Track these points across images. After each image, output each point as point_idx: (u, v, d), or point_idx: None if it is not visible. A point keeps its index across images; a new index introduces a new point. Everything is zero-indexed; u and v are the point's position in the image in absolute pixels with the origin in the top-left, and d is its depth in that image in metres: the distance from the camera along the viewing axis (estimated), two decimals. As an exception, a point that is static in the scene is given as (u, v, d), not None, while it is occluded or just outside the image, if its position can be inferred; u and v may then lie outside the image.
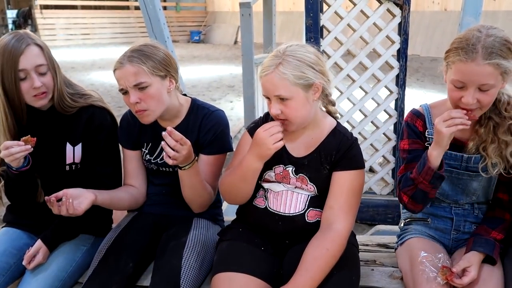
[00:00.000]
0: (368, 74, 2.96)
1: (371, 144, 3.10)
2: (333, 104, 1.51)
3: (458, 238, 1.47)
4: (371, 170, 3.20)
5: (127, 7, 19.46)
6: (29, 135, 1.43)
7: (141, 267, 1.56)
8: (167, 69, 1.52)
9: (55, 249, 1.56)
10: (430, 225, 1.51)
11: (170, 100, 1.55)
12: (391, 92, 3.00)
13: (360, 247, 1.59)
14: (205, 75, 10.07)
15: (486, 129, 1.34)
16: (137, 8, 19.37)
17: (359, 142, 1.50)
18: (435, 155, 1.30)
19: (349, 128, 2.91)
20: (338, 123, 1.49)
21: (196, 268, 1.46)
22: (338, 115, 1.55)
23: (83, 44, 17.05)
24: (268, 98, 1.37)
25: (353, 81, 3.00)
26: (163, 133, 1.35)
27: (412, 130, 1.45)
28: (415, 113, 1.47)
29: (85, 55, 13.50)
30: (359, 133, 3.08)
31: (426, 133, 1.43)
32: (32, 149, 1.40)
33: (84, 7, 18.84)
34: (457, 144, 1.38)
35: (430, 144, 1.36)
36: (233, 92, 8.03)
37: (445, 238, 1.49)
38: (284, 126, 1.36)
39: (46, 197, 1.38)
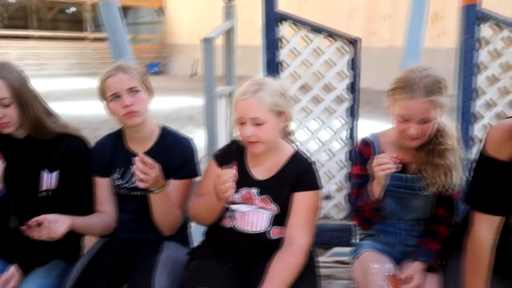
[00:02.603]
0: (323, 106, 3.17)
1: (327, 171, 3.30)
2: (292, 134, 1.68)
3: (404, 251, 1.65)
4: (328, 197, 3.38)
5: (84, 38, 19.34)
6: None
7: (114, 289, 1.63)
8: (148, 83, 1.70)
9: (29, 274, 1.60)
10: (380, 240, 1.69)
11: (149, 114, 1.70)
12: (344, 122, 3.23)
13: (320, 264, 1.73)
14: (163, 107, 10.13)
15: (424, 153, 1.55)
16: (95, 39, 19.32)
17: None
18: (377, 190, 1.52)
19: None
20: (297, 150, 1.65)
21: (167, 286, 1.54)
22: (297, 142, 1.73)
23: (38, 75, 16.69)
24: (241, 123, 1.52)
25: (309, 112, 3.21)
26: (136, 158, 1.46)
27: (362, 157, 1.65)
28: (364, 142, 1.68)
29: (41, 86, 13.15)
30: (316, 160, 3.27)
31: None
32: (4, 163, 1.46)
33: (39, 38, 18.56)
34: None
35: None
36: (192, 123, 8.14)
37: (393, 251, 1.67)
38: (254, 148, 1.51)
39: (27, 222, 1.44)
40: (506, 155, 1.32)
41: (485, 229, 1.36)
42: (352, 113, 3.14)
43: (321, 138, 3.24)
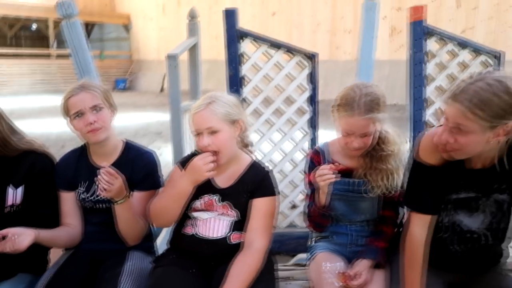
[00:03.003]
0: (285, 118, 3.31)
1: (291, 181, 3.42)
2: (251, 145, 1.80)
3: (355, 250, 1.78)
4: (293, 206, 3.50)
5: (48, 55, 19.03)
6: None
7: (80, 300, 1.68)
8: (111, 100, 1.78)
9: (-6, 288, 1.63)
10: (333, 241, 1.82)
11: (112, 130, 1.77)
12: (306, 133, 3.37)
13: (280, 267, 1.84)
14: (131, 123, 10.10)
15: (368, 159, 1.70)
16: (59, 56, 19.03)
17: (280, 180, 1.80)
18: (322, 198, 1.67)
19: (270, 167, 3.22)
20: (255, 160, 1.76)
21: (132, 294, 1.61)
22: (256, 154, 1.84)
23: (0, 93, 16.32)
24: (198, 134, 1.62)
25: (272, 124, 3.34)
26: (101, 169, 1.54)
27: (313, 165, 1.78)
28: (315, 151, 1.82)
29: (3, 105, 12.90)
30: (280, 171, 3.39)
31: None
32: None
33: (1, 55, 18.15)
34: (347, 172, 1.71)
35: None
36: (161, 138, 8.15)
37: (345, 251, 1.80)
38: (217, 159, 1.61)
39: None
40: (435, 160, 1.47)
41: (419, 227, 1.50)
42: (313, 124, 3.30)
43: (284, 149, 3.38)
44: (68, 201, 1.81)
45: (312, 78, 3.24)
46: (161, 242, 2.20)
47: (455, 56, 3.08)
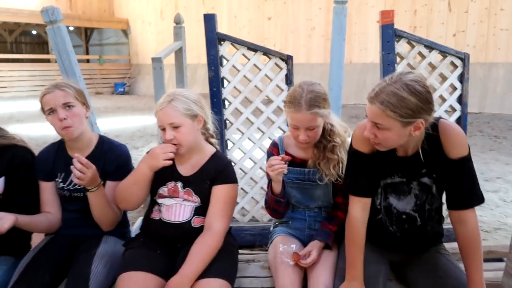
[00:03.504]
0: (264, 117, 3.48)
1: (271, 177, 3.58)
2: (213, 137, 1.96)
3: (310, 234, 1.93)
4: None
5: (48, 60, 19.24)
6: None
7: (57, 280, 1.83)
8: (84, 98, 1.92)
9: (-21, 268, 1.79)
10: (290, 226, 1.98)
11: (86, 126, 1.93)
12: (284, 131, 3.53)
13: (245, 251, 1.99)
14: (129, 125, 10.28)
15: (318, 150, 1.86)
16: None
17: (260, 176, 1.95)
18: (275, 187, 1.83)
19: (251, 164, 3.38)
20: (217, 150, 1.93)
21: (104, 273, 1.77)
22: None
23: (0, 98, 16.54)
24: (162, 129, 1.78)
25: (252, 123, 3.50)
26: (73, 159, 1.70)
27: (271, 156, 1.93)
28: (273, 143, 1.98)
29: (2, 108, 13.14)
30: (260, 168, 3.54)
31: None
32: None
33: (1, 60, 18.36)
34: (301, 162, 1.87)
35: None
36: (157, 140, 8.30)
37: (301, 235, 1.96)
38: (177, 150, 1.77)
39: None
40: (366, 149, 1.64)
41: (358, 209, 1.66)
42: (290, 123, 3.46)
43: (263, 147, 3.54)
44: (47, 190, 1.97)
45: (288, 79, 3.41)
46: (136, 229, 2.36)
47: (424, 57, 3.24)
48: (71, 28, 19.71)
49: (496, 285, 1.68)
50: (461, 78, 3.19)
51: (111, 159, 1.94)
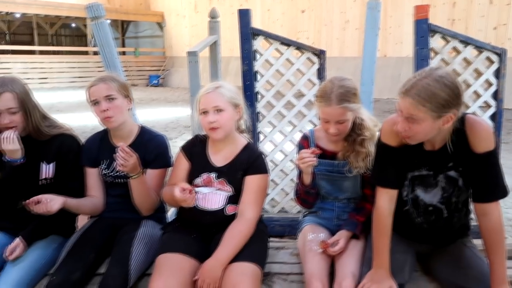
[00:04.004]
0: (295, 110, 3.55)
1: (301, 170, 3.65)
2: (244, 132, 2.05)
3: (338, 224, 2.00)
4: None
5: (86, 52, 19.86)
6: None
7: (101, 259, 1.97)
8: (127, 91, 2.05)
9: (31, 245, 1.95)
10: (319, 216, 2.05)
11: (127, 118, 2.06)
12: (315, 125, 3.59)
13: (275, 239, 2.08)
14: (163, 117, 10.52)
15: (348, 143, 1.92)
16: (95, 53, 19.77)
17: (290, 168, 2.03)
18: (305, 178, 1.91)
19: (282, 156, 3.46)
20: (249, 142, 2.02)
21: (144, 254, 1.90)
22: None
23: (40, 88, 17.16)
24: (204, 112, 1.88)
25: (283, 116, 3.58)
26: (118, 147, 1.83)
27: (301, 149, 2.02)
28: (304, 136, 2.05)
29: (43, 99, 13.64)
30: (291, 160, 3.62)
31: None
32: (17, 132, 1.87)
33: (42, 52, 19.08)
34: (331, 155, 1.94)
35: None
36: (189, 131, 8.50)
37: (330, 224, 2.03)
38: (215, 133, 1.88)
39: (27, 201, 1.81)
40: (395, 142, 1.69)
41: (385, 200, 1.71)
42: (321, 116, 3.51)
43: (294, 140, 3.61)
44: (92, 176, 2.12)
45: (320, 74, 3.45)
46: (171, 214, 2.49)
47: (459, 53, 3.22)
48: (109, 21, 20.22)
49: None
50: (497, 74, 3.15)
51: (151, 148, 2.07)
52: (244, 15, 3.36)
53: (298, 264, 1.94)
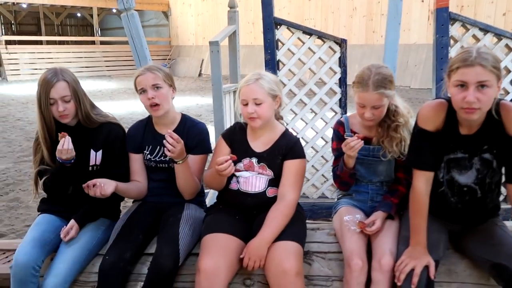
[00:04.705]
0: (317, 98, 3.63)
1: (322, 156, 3.75)
2: (282, 118, 2.15)
3: (373, 206, 2.10)
4: (324, 176, 3.84)
5: (93, 42, 19.89)
6: (59, 133, 1.98)
7: (148, 239, 2.10)
8: (171, 81, 2.15)
9: (82, 228, 2.08)
10: (354, 198, 2.16)
11: (171, 106, 2.16)
12: (335, 113, 3.68)
13: (309, 221, 2.19)
14: (172, 106, 10.59)
15: (382, 129, 2.02)
16: (103, 42, 19.88)
17: (312, 155, 2.13)
18: (350, 162, 1.99)
19: (303, 143, 3.57)
20: (286, 129, 2.12)
21: (190, 235, 2.02)
22: (283, 121, 2.20)
23: (48, 78, 17.24)
24: (245, 104, 1.98)
25: (305, 104, 3.66)
26: (166, 134, 1.94)
27: (337, 134, 2.12)
28: (339, 122, 2.15)
29: (53, 89, 13.79)
30: (312, 147, 3.72)
31: (345, 136, 2.09)
32: (70, 138, 1.96)
33: (49, 42, 19.13)
34: (366, 140, 2.04)
35: None
36: (200, 120, 8.60)
37: (364, 206, 2.13)
38: (254, 123, 1.98)
39: (84, 184, 1.93)
40: (432, 127, 1.79)
41: (422, 182, 1.81)
42: (342, 104, 3.60)
43: (315, 127, 3.71)
44: (137, 161, 2.23)
45: (342, 62, 3.53)
46: (210, 197, 2.60)
47: (478, 40, 3.29)
48: (114, 10, 20.22)
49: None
50: (516, 61, 3.23)
51: (193, 135, 2.17)
52: (267, 5, 3.43)
53: (335, 244, 2.05)
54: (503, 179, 1.83)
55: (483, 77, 1.58)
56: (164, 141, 1.95)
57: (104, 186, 1.94)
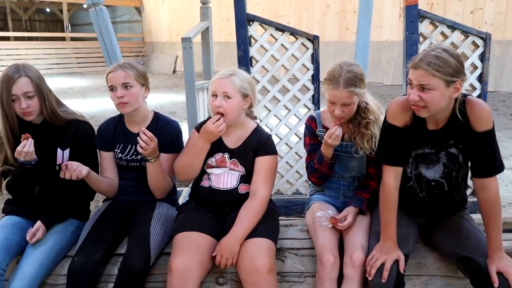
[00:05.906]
0: (290, 95, 3.63)
1: (296, 153, 3.77)
2: (255, 118, 2.15)
3: (345, 201, 2.13)
4: (298, 173, 3.86)
5: (63, 38, 19.40)
6: (23, 134, 1.91)
7: (118, 239, 2.06)
8: (144, 80, 2.10)
9: (50, 229, 2.02)
10: (326, 194, 2.18)
11: (142, 104, 2.12)
12: (309, 109, 3.69)
13: (282, 217, 2.19)
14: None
15: (353, 125, 2.04)
16: (73, 39, 19.40)
17: (286, 152, 2.12)
18: (329, 152, 2.00)
19: (277, 139, 3.56)
20: (258, 125, 2.11)
21: (161, 234, 1.99)
22: (258, 120, 2.18)
23: (17, 75, 16.73)
24: (214, 95, 1.96)
25: (278, 101, 3.66)
26: (140, 131, 1.91)
27: (309, 130, 2.12)
28: (311, 118, 2.15)
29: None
30: (286, 143, 3.72)
31: (317, 131, 2.10)
32: (33, 140, 1.89)
33: (16, 38, 18.55)
34: None
35: (321, 138, 2.03)
36: (175, 118, 8.50)
37: (336, 202, 2.15)
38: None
39: (63, 165, 1.91)
40: (401, 123, 1.81)
41: (391, 177, 1.84)
42: (315, 100, 3.62)
43: (289, 123, 3.72)
44: (107, 159, 2.18)
45: (315, 59, 3.54)
46: (182, 196, 2.57)
47: (446, 37, 3.35)
48: (85, 6, 19.75)
49: (510, 253, 1.85)
50: (482, 57, 3.31)
51: (165, 134, 2.14)
52: (239, 1, 3.41)
53: (307, 240, 2.06)
54: (470, 173, 1.87)
55: (423, 80, 1.63)
56: (138, 138, 1.92)
57: (79, 168, 1.90)
